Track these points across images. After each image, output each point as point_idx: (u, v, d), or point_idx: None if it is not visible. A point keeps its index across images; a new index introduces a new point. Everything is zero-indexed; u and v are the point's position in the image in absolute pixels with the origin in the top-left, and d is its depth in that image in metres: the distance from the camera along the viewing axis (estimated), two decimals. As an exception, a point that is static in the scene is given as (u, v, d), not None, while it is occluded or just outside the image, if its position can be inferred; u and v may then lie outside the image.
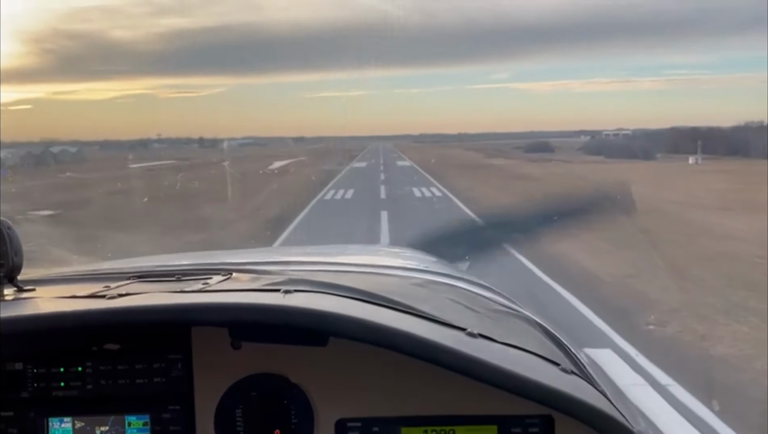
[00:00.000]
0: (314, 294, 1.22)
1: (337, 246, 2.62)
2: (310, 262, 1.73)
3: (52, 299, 1.23)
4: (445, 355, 1.05)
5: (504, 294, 1.58)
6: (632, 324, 6.87)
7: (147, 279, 1.39)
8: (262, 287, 1.26)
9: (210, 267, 1.47)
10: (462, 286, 1.55)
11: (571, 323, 6.66)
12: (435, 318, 1.15)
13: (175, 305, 1.16)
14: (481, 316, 1.30)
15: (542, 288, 8.25)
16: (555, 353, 1.23)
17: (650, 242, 9.87)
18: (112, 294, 1.20)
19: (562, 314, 6.99)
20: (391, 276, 1.58)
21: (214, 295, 1.24)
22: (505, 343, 1.13)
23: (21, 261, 1.24)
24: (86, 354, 1.23)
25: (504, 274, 5.73)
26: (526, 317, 1.41)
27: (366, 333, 1.09)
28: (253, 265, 1.50)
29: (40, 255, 1.77)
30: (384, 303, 1.19)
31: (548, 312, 6.31)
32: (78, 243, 8.51)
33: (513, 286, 2.45)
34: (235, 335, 1.20)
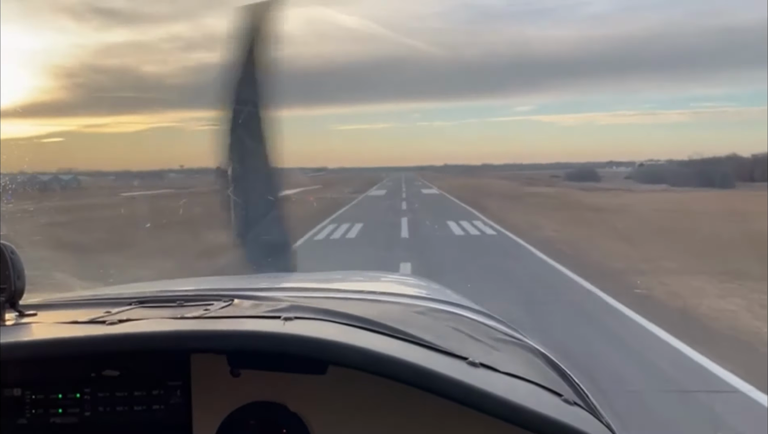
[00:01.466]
0: (314, 322, 1.21)
1: (341, 273, 2.52)
2: (313, 289, 1.73)
3: (53, 324, 1.23)
4: (446, 385, 1.02)
5: (507, 323, 1.54)
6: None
7: (148, 304, 1.38)
8: (262, 314, 1.25)
9: (211, 293, 1.47)
10: (465, 314, 1.52)
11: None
12: (436, 347, 1.13)
13: (174, 332, 1.15)
14: (483, 345, 1.28)
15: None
16: (558, 383, 1.20)
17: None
18: (113, 320, 1.20)
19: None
20: (393, 303, 1.56)
21: (214, 322, 1.22)
22: (507, 373, 1.11)
23: (23, 286, 1.24)
24: (85, 381, 1.22)
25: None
26: (530, 346, 1.38)
27: (366, 361, 1.07)
28: (255, 291, 1.50)
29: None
30: (385, 331, 1.17)
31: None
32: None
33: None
34: (233, 363, 1.19)
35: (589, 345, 6.82)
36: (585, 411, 1.11)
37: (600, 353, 6.56)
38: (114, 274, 7.24)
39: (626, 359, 6.57)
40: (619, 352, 6.77)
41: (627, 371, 6.13)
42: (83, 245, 11.92)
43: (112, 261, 9.54)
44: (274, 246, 2.80)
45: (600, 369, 5.81)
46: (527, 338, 1.45)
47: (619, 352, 6.77)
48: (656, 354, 6.65)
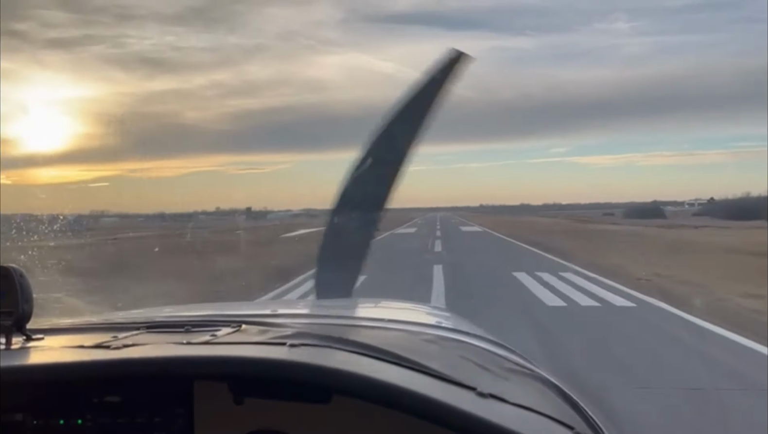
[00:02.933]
0: (320, 349, 1.17)
1: (351, 300, 2.38)
2: (321, 316, 1.71)
3: (59, 349, 1.22)
4: (452, 416, 0.96)
5: (519, 353, 1.48)
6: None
7: (155, 330, 1.37)
8: (268, 340, 1.22)
9: (219, 319, 1.44)
10: (475, 343, 1.46)
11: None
12: (444, 376, 1.08)
13: (176, 357, 1.14)
14: (492, 375, 1.22)
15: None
16: (570, 415, 1.13)
17: None
18: (118, 345, 1.19)
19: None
20: (401, 331, 1.50)
21: (218, 348, 1.20)
22: (517, 404, 1.04)
23: (31, 310, 1.23)
24: (87, 407, 1.20)
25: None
26: (541, 377, 1.32)
27: (370, 391, 1.03)
28: (263, 318, 1.47)
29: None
30: (391, 359, 1.13)
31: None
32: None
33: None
34: (236, 390, 1.16)
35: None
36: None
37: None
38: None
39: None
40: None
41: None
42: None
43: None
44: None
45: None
46: (539, 368, 1.39)
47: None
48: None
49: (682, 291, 11.24)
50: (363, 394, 1.03)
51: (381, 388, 1.01)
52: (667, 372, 6.28)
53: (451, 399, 0.99)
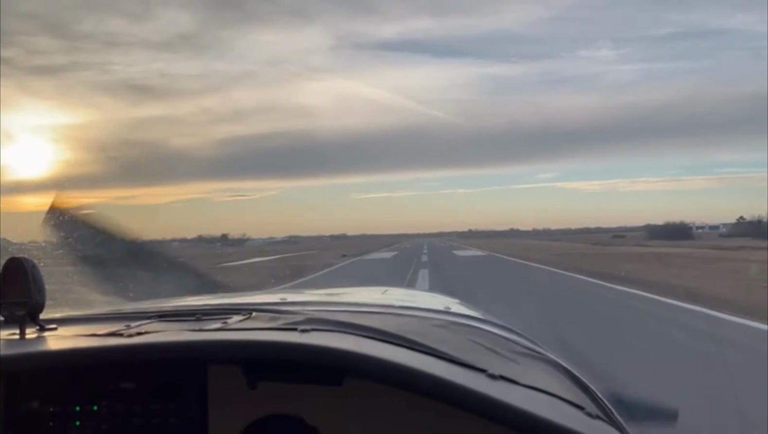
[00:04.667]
0: (331, 333, 1.18)
1: (359, 289, 2.48)
2: (331, 303, 1.74)
3: (72, 337, 1.23)
4: (464, 397, 0.98)
5: (527, 337, 1.51)
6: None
7: (167, 318, 1.38)
8: (279, 326, 1.24)
9: (230, 308, 1.46)
10: (484, 328, 1.48)
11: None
12: (455, 359, 1.09)
13: (190, 342, 1.15)
14: (503, 358, 1.23)
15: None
16: (580, 397, 1.15)
17: None
18: (131, 333, 1.20)
19: None
20: (411, 316, 1.51)
21: (231, 333, 1.21)
22: (527, 385, 1.06)
23: (44, 301, 1.24)
24: (102, 393, 1.21)
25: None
26: (550, 360, 1.34)
27: (382, 372, 1.04)
28: (273, 306, 1.49)
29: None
30: (402, 343, 1.14)
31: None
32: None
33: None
34: (250, 374, 1.18)
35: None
36: (608, 425, 1.07)
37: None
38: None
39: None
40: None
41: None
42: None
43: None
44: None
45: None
46: (548, 352, 1.41)
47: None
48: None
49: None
50: (374, 376, 1.04)
51: (392, 370, 1.02)
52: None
53: (462, 380, 1.00)
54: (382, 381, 1.03)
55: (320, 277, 23.30)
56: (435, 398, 0.99)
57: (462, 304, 1.93)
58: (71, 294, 2.43)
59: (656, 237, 62.72)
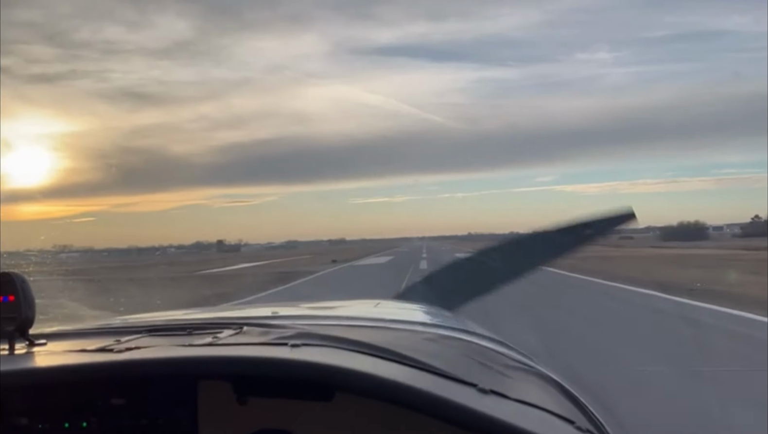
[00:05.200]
0: (322, 348, 1.17)
1: (351, 301, 2.46)
2: (323, 317, 1.69)
3: (62, 353, 1.22)
4: (454, 411, 0.97)
5: (519, 350, 1.49)
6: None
7: (157, 333, 1.37)
8: (270, 341, 1.22)
9: (221, 322, 1.45)
10: (476, 341, 1.46)
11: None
12: (445, 373, 1.08)
13: (180, 358, 1.14)
14: (493, 372, 1.22)
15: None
16: (571, 411, 1.14)
17: None
18: (120, 348, 1.19)
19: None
20: (402, 330, 1.50)
21: (221, 349, 1.20)
22: (517, 400, 1.06)
23: (33, 316, 1.24)
24: (92, 409, 1.20)
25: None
26: (542, 374, 1.32)
27: (372, 387, 1.03)
28: (264, 319, 1.48)
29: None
30: (393, 357, 1.13)
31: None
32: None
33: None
34: (240, 390, 1.17)
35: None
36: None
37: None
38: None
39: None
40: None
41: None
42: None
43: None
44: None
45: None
46: (539, 365, 1.39)
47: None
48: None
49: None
50: (365, 391, 1.04)
51: (382, 385, 1.01)
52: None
53: (452, 394, 0.99)
54: (371, 396, 1.03)
55: (298, 287, 21.23)
56: (425, 413, 0.98)
57: (455, 317, 1.93)
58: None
59: (670, 238, 60.49)
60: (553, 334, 9.42)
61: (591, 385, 5.56)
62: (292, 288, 20.25)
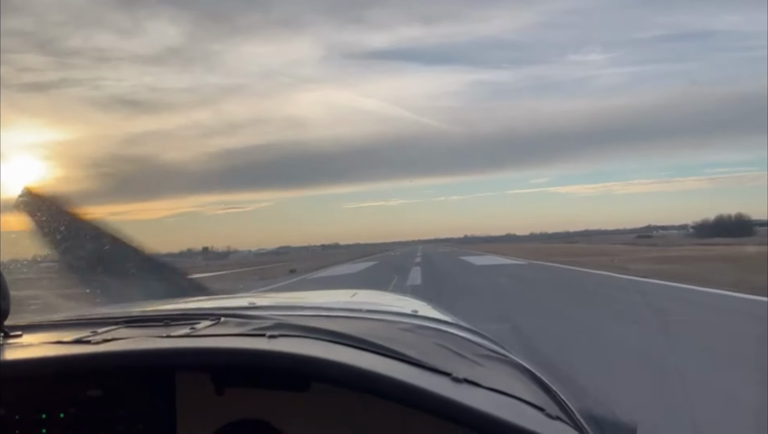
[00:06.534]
0: (298, 339, 1.20)
1: (328, 292, 2.58)
2: (300, 307, 1.72)
3: (38, 345, 1.23)
4: (428, 400, 1.00)
5: (493, 340, 1.53)
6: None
7: (134, 324, 1.38)
8: (247, 332, 1.24)
9: (198, 313, 1.46)
10: (451, 331, 1.49)
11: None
12: (420, 363, 1.11)
13: (157, 349, 1.15)
14: (468, 361, 1.25)
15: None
16: (541, 398, 1.18)
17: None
18: (97, 340, 1.20)
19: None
20: (378, 320, 1.52)
21: (198, 340, 1.22)
22: (490, 388, 1.09)
23: (8, 308, 1.24)
24: (69, 401, 1.20)
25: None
26: (514, 362, 1.36)
27: (347, 377, 1.05)
28: (241, 310, 1.49)
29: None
30: (369, 347, 1.16)
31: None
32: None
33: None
34: (218, 380, 1.18)
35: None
36: (568, 426, 1.10)
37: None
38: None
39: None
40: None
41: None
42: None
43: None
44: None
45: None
46: (512, 354, 1.42)
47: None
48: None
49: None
50: (340, 381, 1.06)
51: (358, 374, 1.03)
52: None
53: (427, 383, 1.02)
54: (347, 385, 1.05)
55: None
56: (400, 402, 1.01)
57: (431, 307, 1.95)
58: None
59: (708, 235, 54.75)
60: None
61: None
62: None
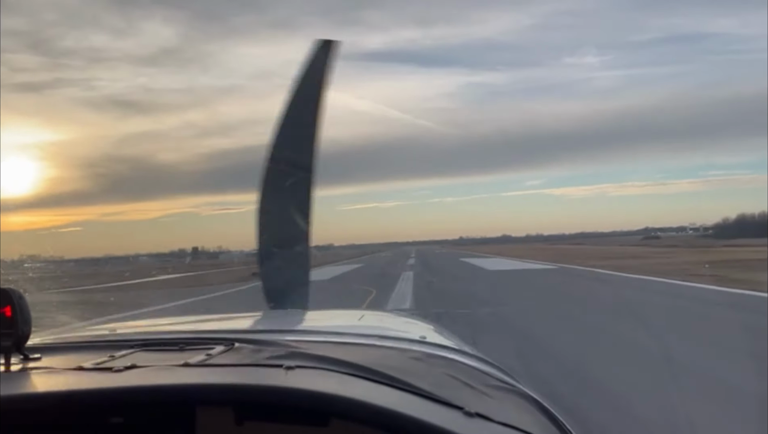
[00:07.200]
0: (315, 371, 1.23)
1: (338, 312, 2.56)
2: (312, 331, 1.75)
3: (58, 370, 1.24)
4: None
5: (501, 368, 1.56)
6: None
7: (150, 348, 1.40)
8: (264, 362, 1.27)
9: (212, 337, 1.48)
10: (459, 360, 1.53)
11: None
12: (433, 397, 1.15)
13: (180, 385, 1.17)
14: (478, 393, 1.28)
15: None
16: (549, 430, 1.21)
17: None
18: (118, 367, 1.22)
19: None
20: (390, 348, 1.55)
21: (217, 370, 1.25)
22: (501, 422, 1.11)
23: (29, 331, 1.25)
24: (90, 428, 1.21)
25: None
26: (523, 393, 1.38)
27: (366, 414, 1.07)
28: (254, 334, 1.51)
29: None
30: (383, 380, 1.19)
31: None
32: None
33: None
34: (237, 413, 1.19)
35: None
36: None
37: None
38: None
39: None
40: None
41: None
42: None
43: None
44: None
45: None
46: (521, 384, 1.45)
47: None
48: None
49: None
50: (359, 418, 1.07)
51: (376, 412, 1.05)
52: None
53: (441, 420, 1.04)
54: (365, 423, 1.07)
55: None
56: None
57: (436, 331, 1.97)
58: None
59: (727, 236, 50.83)
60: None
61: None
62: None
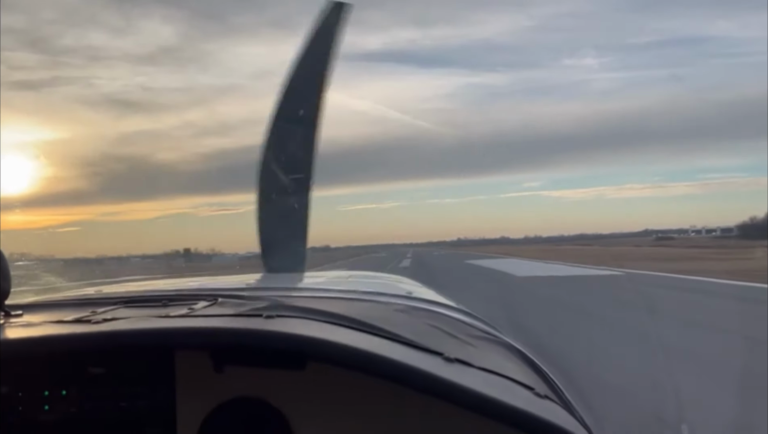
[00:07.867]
0: (294, 319, 1.23)
1: (324, 273, 2.58)
2: (296, 288, 1.76)
3: (39, 324, 1.25)
4: (422, 379, 1.03)
5: (484, 320, 1.57)
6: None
7: (133, 304, 1.41)
8: (244, 312, 1.27)
9: (195, 293, 1.49)
10: (443, 312, 1.53)
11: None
12: (413, 343, 1.15)
13: (158, 329, 1.18)
14: (459, 341, 1.29)
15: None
16: (531, 377, 1.21)
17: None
18: (98, 319, 1.23)
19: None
20: (373, 302, 1.56)
21: (197, 320, 1.25)
22: (481, 368, 1.12)
23: (9, 287, 1.26)
24: (71, 378, 1.23)
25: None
26: (505, 343, 1.40)
27: (342, 357, 1.08)
28: (238, 291, 1.52)
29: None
30: (363, 328, 1.19)
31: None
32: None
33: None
34: (217, 359, 1.21)
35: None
36: (556, 405, 1.12)
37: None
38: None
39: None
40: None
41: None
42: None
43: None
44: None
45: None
46: (503, 335, 1.45)
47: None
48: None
49: None
50: (335, 360, 1.08)
51: (352, 354, 1.05)
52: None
53: (420, 363, 1.04)
54: (342, 365, 1.07)
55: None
56: (394, 380, 1.03)
57: (424, 288, 1.98)
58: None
59: (752, 237, 47.11)
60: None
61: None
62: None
